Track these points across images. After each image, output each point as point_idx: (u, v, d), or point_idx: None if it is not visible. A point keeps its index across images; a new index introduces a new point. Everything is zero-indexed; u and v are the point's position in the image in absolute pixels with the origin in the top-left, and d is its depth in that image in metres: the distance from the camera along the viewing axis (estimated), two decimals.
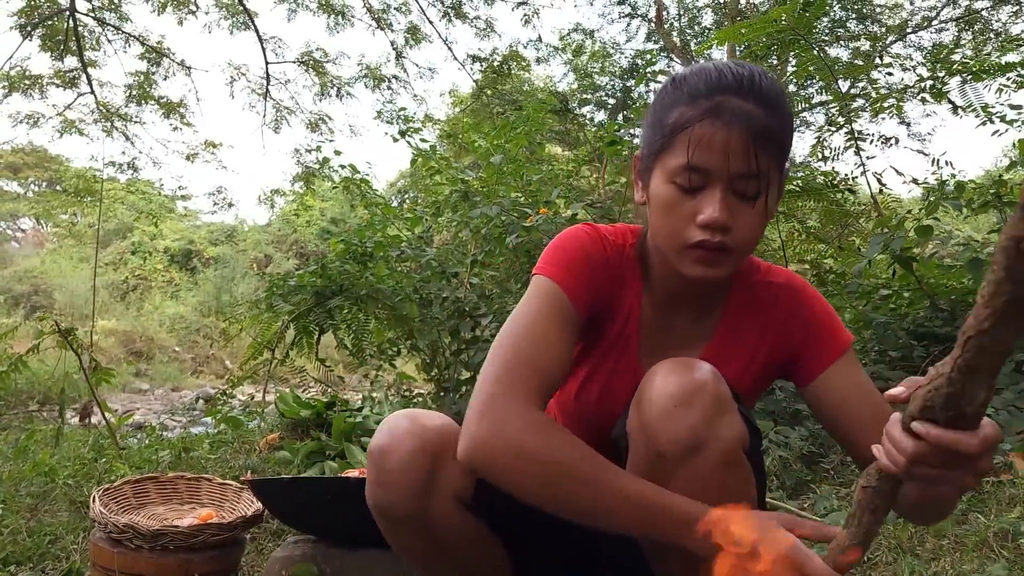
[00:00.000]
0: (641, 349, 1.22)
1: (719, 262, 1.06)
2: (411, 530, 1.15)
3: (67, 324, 2.70)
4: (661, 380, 1.03)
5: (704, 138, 1.02)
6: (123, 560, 1.58)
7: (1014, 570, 1.65)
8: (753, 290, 1.22)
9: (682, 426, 1.00)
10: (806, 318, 1.19)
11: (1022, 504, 2.07)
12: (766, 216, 1.09)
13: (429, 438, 1.12)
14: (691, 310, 1.21)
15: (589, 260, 1.16)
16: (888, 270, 3.62)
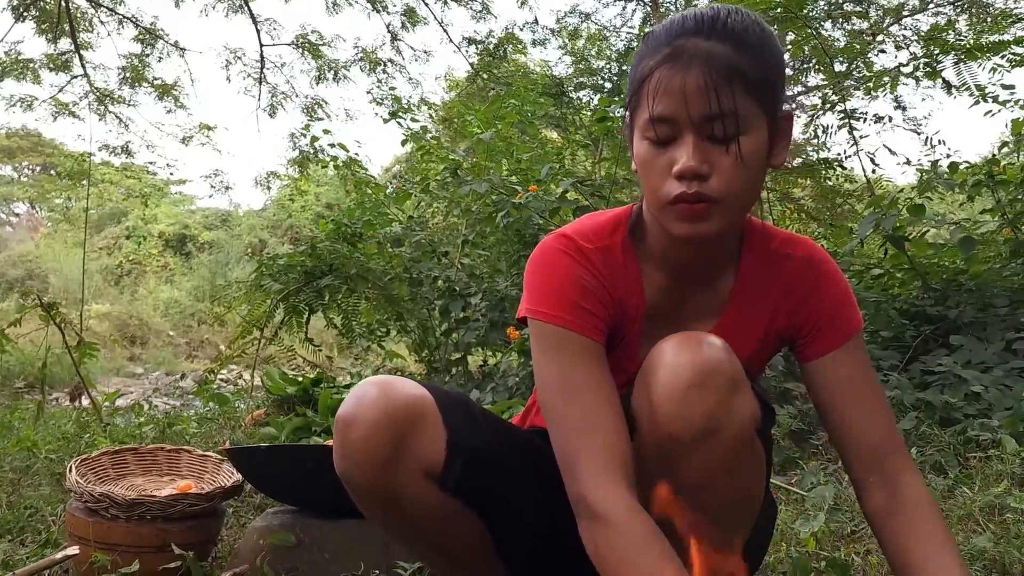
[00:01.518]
0: (644, 336, 1.14)
1: (703, 215, 0.99)
2: (377, 502, 1.12)
3: (58, 305, 2.68)
4: (672, 358, 0.99)
5: (662, 85, 0.97)
6: (98, 530, 1.56)
7: (999, 543, 1.63)
8: (768, 260, 1.15)
9: (697, 410, 0.97)
10: (821, 297, 1.13)
11: (1009, 479, 2.07)
12: (755, 161, 1.00)
13: (397, 410, 1.07)
14: (701, 280, 1.15)
15: (579, 287, 1.09)
16: (880, 250, 3.60)
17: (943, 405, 2.69)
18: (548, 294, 1.09)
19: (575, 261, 1.10)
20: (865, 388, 1.12)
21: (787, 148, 1.08)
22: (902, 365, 3.16)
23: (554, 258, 1.11)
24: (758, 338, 1.16)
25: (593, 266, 1.10)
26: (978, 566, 1.56)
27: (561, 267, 1.10)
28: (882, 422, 1.11)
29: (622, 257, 1.13)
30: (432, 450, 1.09)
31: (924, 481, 1.11)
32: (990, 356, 3.02)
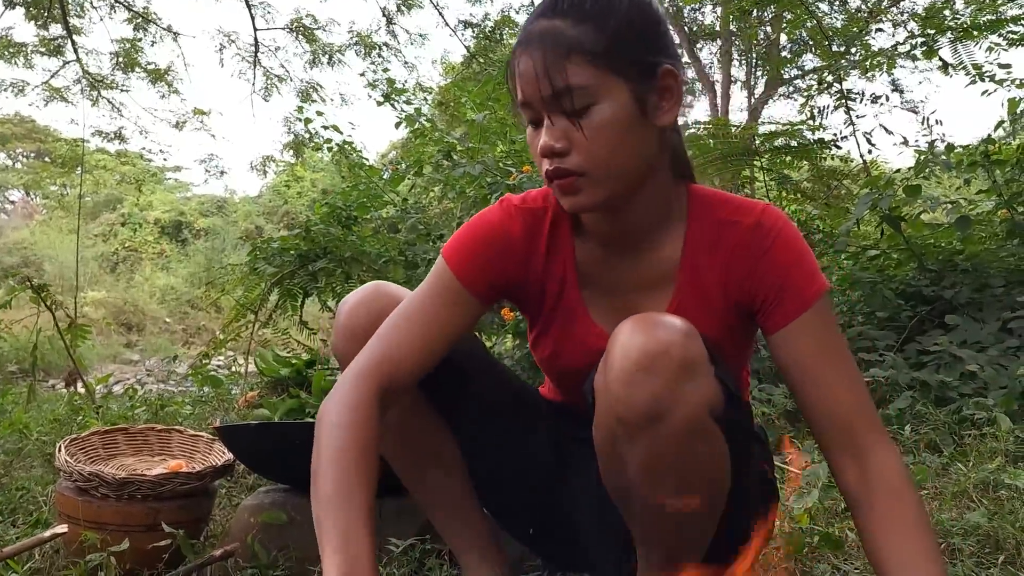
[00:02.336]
0: (592, 307, 1.18)
1: (574, 188, 1.03)
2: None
3: (48, 286, 2.67)
4: (625, 340, 0.98)
5: (515, 71, 1.02)
6: (88, 509, 1.55)
7: (993, 519, 1.63)
8: (715, 229, 1.12)
9: (642, 393, 0.95)
10: (771, 265, 1.08)
11: (1003, 456, 2.06)
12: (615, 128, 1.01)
13: (384, 301, 1.18)
14: (637, 250, 1.14)
15: (491, 241, 1.16)
16: (876, 230, 3.59)
17: (938, 384, 2.68)
18: (457, 239, 1.17)
19: (499, 217, 1.17)
20: (832, 359, 1.07)
21: (677, 104, 1.06)
22: (898, 345, 3.16)
23: (484, 213, 1.19)
24: (717, 312, 1.13)
25: (514, 226, 1.16)
26: (972, 541, 1.55)
27: (482, 222, 1.18)
28: (852, 394, 1.06)
29: (552, 222, 1.17)
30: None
31: (899, 456, 1.06)
32: (986, 336, 3.02)
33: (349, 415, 1.03)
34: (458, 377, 1.24)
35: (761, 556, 1.49)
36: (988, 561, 1.48)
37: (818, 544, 1.53)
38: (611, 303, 1.17)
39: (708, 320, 1.10)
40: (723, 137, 3.43)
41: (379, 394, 1.07)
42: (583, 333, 1.18)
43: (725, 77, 12.05)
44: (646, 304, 1.14)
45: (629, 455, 0.99)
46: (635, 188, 1.07)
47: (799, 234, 1.12)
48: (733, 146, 3.41)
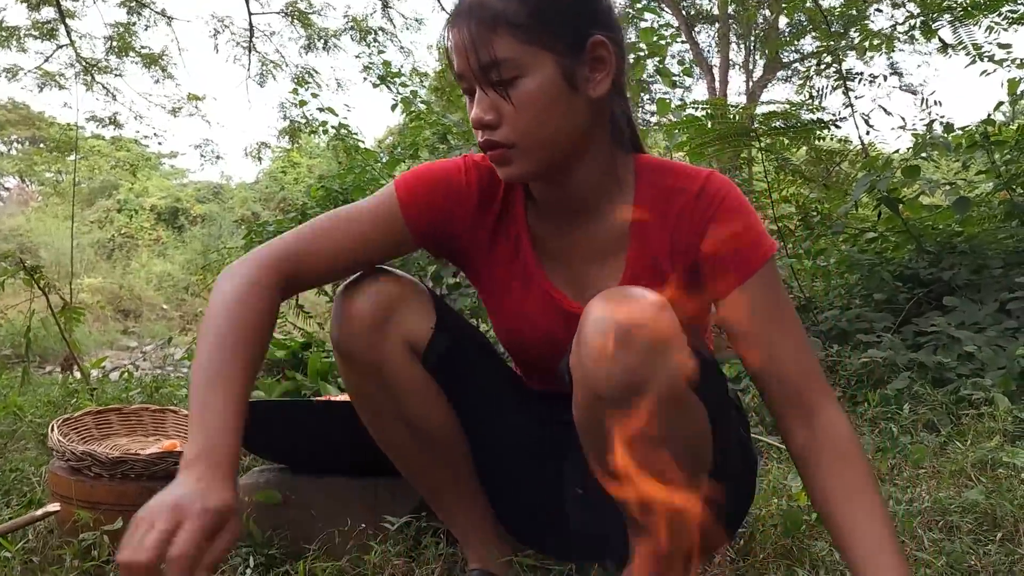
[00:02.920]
0: (548, 270, 1.19)
1: (505, 160, 1.05)
2: (360, 368, 1.20)
3: (41, 268, 2.65)
4: (597, 315, 0.97)
5: (448, 44, 1.04)
6: (81, 488, 1.54)
7: (991, 496, 1.62)
8: (662, 197, 1.13)
9: (618, 368, 0.94)
10: (716, 231, 1.10)
11: (1001, 436, 2.06)
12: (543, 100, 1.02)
13: (390, 287, 1.17)
14: (588, 221, 1.15)
15: (443, 184, 1.17)
16: (874, 212, 3.58)
17: (936, 365, 2.68)
18: (415, 174, 1.19)
19: (456, 167, 1.18)
20: (779, 322, 1.08)
21: (610, 74, 1.06)
22: (895, 327, 3.15)
23: (445, 160, 1.21)
24: (669, 278, 1.13)
25: (471, 176, 1.17)
26: (970, 519, 1.55)
27: (442, 165, 1.19)
28: (799, 357, 1.07)
29: (508, 184, 1.17)
30: (419, 326, 1.19)
31: (847, 418, 1.07)
32: (983, 317, 3.01)
33: (245, 292, 1.05)
34: (464, 359, 1.24)
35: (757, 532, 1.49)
36: (986, 538, 1.47)
37: (816, 521, 1.52)
38: (564, 271, 1.18)
39: (661, 287, 1.09)
40: (721, 118, 3.42)
41: (279, 284, 1.08)
42: (542, 294, 1.18)
43: (723, 61, 11.99)
44: (599, 273, 1.16)
45: (611, 432, 0.98)
46: (570, 158, 1.09)
47: (744, 199, 1.13)
48: (731, 127, 3.39)
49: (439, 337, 1.20)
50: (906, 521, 1.53)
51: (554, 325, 1.18)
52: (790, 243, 3.66)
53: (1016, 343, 2.72)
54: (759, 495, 1.68)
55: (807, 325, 3.36)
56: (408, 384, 1.20)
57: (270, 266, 1.08)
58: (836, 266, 3.73)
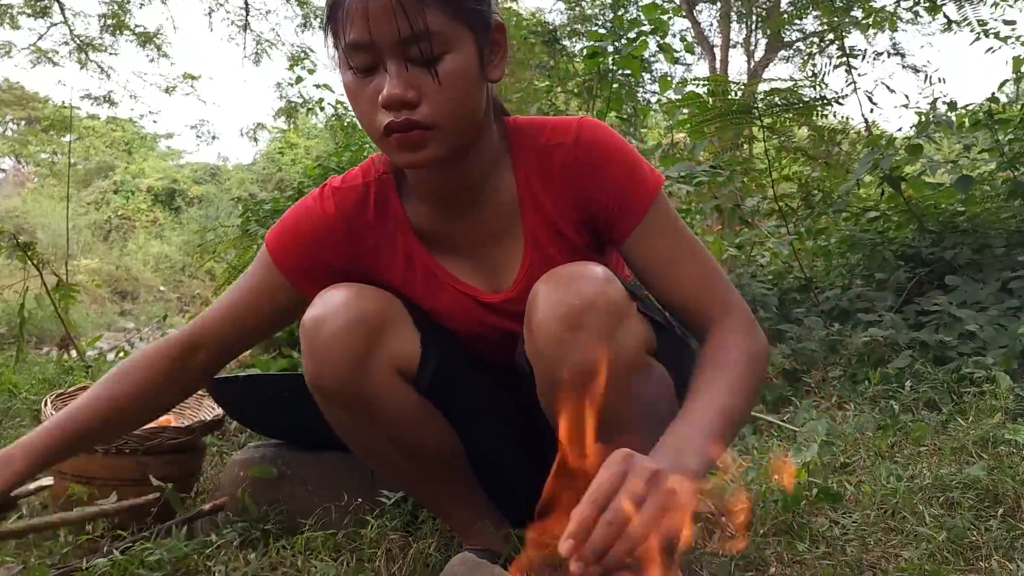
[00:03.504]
0: (451, 266, 1.14)
1: (420, 143, 0.95)
2: (346, 405, 1.10)
3: (35, 245, 2.62)
4: (545, 300, 0.95)
5: (353, 8, 0.92)
6: (75, 462, 1.52)
7: (992, 473, 1.61)
8: (541, 157, 1.08)
9: (576, 352, 0.93)
10: (602, 179, 1.06)
11: (1003, 413, 2.04)
12: (465, 80, 0.96)
13: (368, 308, 1.07)
14: (477, 204, 1.10)
15: (305, 225, 1.14)
16: (877, 190, 3.55)
17: (937, 344, 2.66)
18: (281, 224, 1.17)
19: (316, 202, 1.15)
20: (676, 253, 1.05)
21: (504, 60, 1.03)
22: (896, 306, 3.14)
23: (306, 198, 1.18)
24: (571, 239, 1.10)
25: (329, 207, 1.13)
26: (971, 495, 1.54)
27: (302, 207, 1.16)
28: (700, 280, 1.05)
29: (378, 195, 1.13)
30: (406, 349, 1.11)
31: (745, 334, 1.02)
32: (985, 297, 3.00)
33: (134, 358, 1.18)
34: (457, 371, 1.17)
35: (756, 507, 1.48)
36: (987, 514, 1.46)
37: (816, 497, 1.51)
38: (467, 263, 1.13)
39: (567, 250, 1.08)
40: (722, 95, 3.38)
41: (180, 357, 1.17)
42: (454, 293, 1.14)
43: (724, 40, 11.90)
44: (501, 255, 1.11)
45: (578, 414, 0.94)
46: (472, 142, 1.04)
47: (620, 139, 1.09)
48: (732, 104, 3.35)
49: (428, 355, 1.12)
50: (907, 497, 1.52)
51: (481, 318, 1.14)
52: (792, 222, 3.63)
53: (1018, 322, 2.70)
54: (759, 471, 1.66)
55: (807, 305, 3.34)
56: (402, 413, 1.13)
57: (172, 343, 1.17)
58: (837, 246, 3.71)
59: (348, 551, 1.33)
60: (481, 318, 1.14)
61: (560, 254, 1.08)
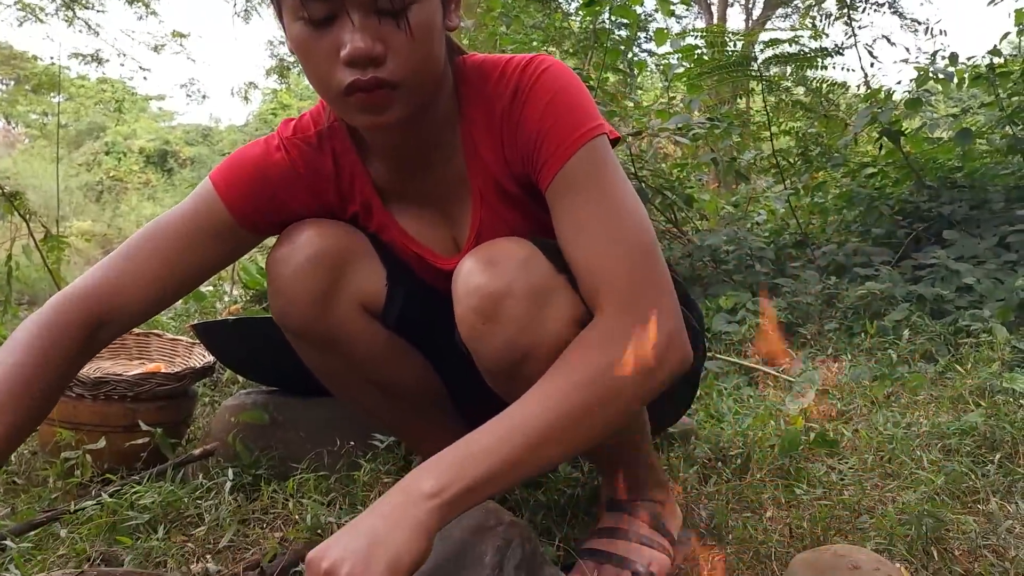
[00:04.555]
0: (410, 229, 1.07)
1: (386, 103, 0.87)
2: (314, 343, 1.08)
3: (22, 195, 2.57)
4: (464, 288, 0.89)
5: None
6: (63, 409, 1.50)
7: (990, 420, 1.60)
8: (485, 108, 0.98)
9: (497, 343, 0.88)
10: (530, 118, 0.93)
11: (1000, 364, 2.03)
12: (431, 31, 0.87)
13: (330, 244, 1.03)
14: (429, 162, 1.02)
15: (264, 170, 1.03)
16: (875, 145, 3.52)
17: (934, 298, 2.65)
18: (230, 164, 1.04)
19: (271, 149, 1.04)
20: (590, 217, 0.89)
21: (459, 7, 0.95)
22: (894, 261, 3.12)
23: (256, 143, 1.06)
24: (519, 198, 1.01)
25: (292, 154, 1.03)
26: (968, 441, 1.53)
27: (254, 151, 1.04)
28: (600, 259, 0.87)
29: (333, 145, 1.04)
30: (371, 285, 1.07)
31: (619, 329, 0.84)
32: (983, 251, 2.98)
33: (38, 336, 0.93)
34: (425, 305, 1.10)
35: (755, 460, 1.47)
36: (984, 459, 1.45)
37: (813, 443, 1.50)
38: (420, 218, 1.07)
39: (514, 208, 1.01)
40: (720, 47, 3.32)
41: (85, 325, 0.96)
42: (413, 257, 1.09)
43: None
44: (456, 213, 1.05)
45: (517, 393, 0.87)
46: (431, 99, 0.95)
47: (568, 75, 0.95)
48: (731, 57, 3.29)
49: (395, 291, 1.08)
50: (904, 444, 1.51)
51: (435, 277, 1.08)
52: (789, 178, 3.60)
53: (1016, 275, 2.69)
54: (755, 418, 1.65)
55: (803, 261, 3.32)
56: (372, 350, 1.09)
57: (72, 307, 0.95)
58: (834, 202, 3.68)
59: (341, 495, 1.32)
60: (435, 277, 1.08)
61: (509, 212, 1.01)
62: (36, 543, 1.17)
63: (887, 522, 1.16)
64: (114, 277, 0.98)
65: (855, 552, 0.93)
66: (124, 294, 0.98)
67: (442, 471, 0.76)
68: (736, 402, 1.89)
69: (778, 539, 1.14)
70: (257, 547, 1.19)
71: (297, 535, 1.16)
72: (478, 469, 0.76)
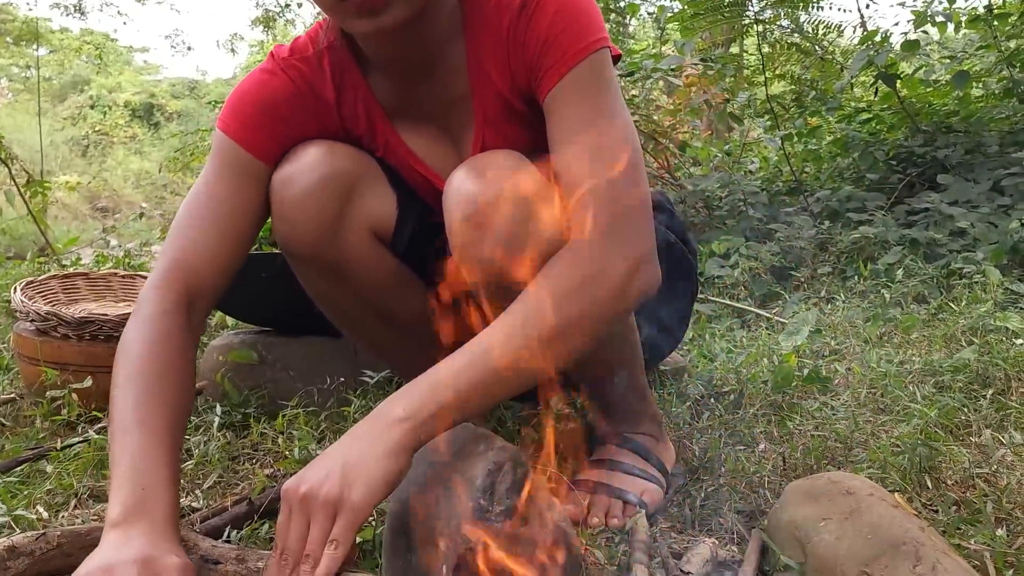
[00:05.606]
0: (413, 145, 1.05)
1: (381, 5, 0.84)
2: (320, 271, 1.04)
3: (24, 169, 2.52)
4: (454, 196, 0.88)
5: None
6: (48, 349, 1.48)
7: (983, 357, 1.60)
8: (491, 20, 0.96)
9: (486, 253, 0.86)
10: (536, 28, 0.91)
11: (993, 304, 2.03)
12: None
13: (340, 165, 0.99)
14: (432, 73, 0.99)
15: (271, 99, 0.99)
16: (870, 90, 3.47)
17: (928, 241, 2.63)
18: (231, 107, 1.00)
19: (268, 75, 1.01)
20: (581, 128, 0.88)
21: None
22: (887, 206, 3.10)
23: (251, 75, 1.02)
24: (522, 115, 0.99)
25: (291, 74, 1.00)
26: (961, 378, 1.52)
27: (253, 80, 1.01)
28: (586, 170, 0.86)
29: (333, 63, 1.01)
30: (382, 210, 1.04)
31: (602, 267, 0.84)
32: (977, 195, 2.96)
33: (147, 331, 0.89)
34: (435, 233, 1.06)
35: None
36: (977, 395, 1.45)
37: (806, 379, 1.49)
38: (424, 138, 1.04)
39: (520, 126, 0.99)
40: None
41: (181, 303, 0.93)
42: (418, 177, 1.06)
43: None
44: (459, 131, 1.03)
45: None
46: (433, 4, 0.93)
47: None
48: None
49: (406, 217, 1.05)
50: (897, 380, 1.51)
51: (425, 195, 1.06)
52: (784, 122, 3.55)
53: (1009, 219, 2.67)
54: (748, 356, 1.64)
55: (796, 207, 3.30)
56: (378, 278, 1.06)
57: (163, 290, 0.93)
58: (828, 148, 3.64)
59: (331, 431, 1.31)
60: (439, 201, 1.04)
61: (513, 131, 0.99)
62: (23, 479, 1.16)
63: (881, 453, 1.15)
64: (187, 255, 0.95)
65: (849, 479, 0.93)
66: (201, 269, 0.95)
67: (413, 396, 0.77)
68: (729, 343, 1.88)
69: (771, 470, 1.14)
70: (246, 482, 1.18)
71: (287, 469, 1.15)
72: (447, 392, 0.76)
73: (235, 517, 1.01)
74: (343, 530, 0.71)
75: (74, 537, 0.80)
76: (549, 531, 0.76)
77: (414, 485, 0.78)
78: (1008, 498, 1.03)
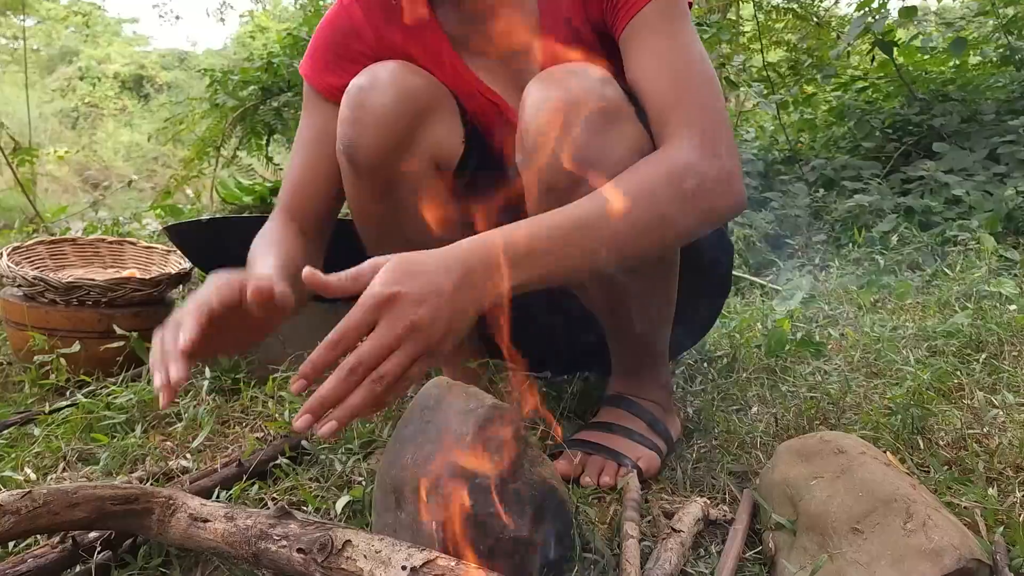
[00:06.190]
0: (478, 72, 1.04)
1: None
2: (374, 186, 1.01)
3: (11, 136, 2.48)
4: (535, 100, 0.87)
5: None
6: (35, 314, 1.47)
7: (976, 322, 1.59)
8: None
9: (561, 156, 0.85)
10: None
11: (987, 271, 2.02)
12: None
13: (419, 86, 0.98)
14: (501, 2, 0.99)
15: (339, 40, 1.05)
16: (867, 58, 3.44)
17: (923, 209, 2.63)
18: (309, 51, 1.07)
19: (339, 10, 1.05)
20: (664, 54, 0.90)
21: None
22: (883, 175, 3.08)
23: (330, 11, 1.07)
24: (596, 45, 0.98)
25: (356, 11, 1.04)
26: (954, 342, 1.52)
27: (326, 20, 1.07)
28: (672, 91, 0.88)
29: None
30: (450, 140, 1.03)
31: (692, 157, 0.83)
32: (972, 164, 2.95)
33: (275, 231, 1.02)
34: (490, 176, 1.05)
35: None
36: (971, 359, 1.45)
37: (799, 343, 1.49)
38: (490, 65, 1.04)
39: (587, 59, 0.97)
40: None
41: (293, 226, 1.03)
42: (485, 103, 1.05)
43: None
44: (523, 57, 1.01)
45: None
46: None
47: None
48: None
49: (471, 153, 1.03)
50: (890, 344, 1.50)
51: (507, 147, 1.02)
52: (780, 90, 3.52)
53: (1005, 187, 2.66)
54: (741, 321, 1.64)
55: (792, 176, 3.28)
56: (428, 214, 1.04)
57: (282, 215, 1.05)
58: (824, 117, 3.62)
59: None
60: (506, 133, 1.03)
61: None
62: (10, 442, 1.15)
63: (873, 415, 1.15)
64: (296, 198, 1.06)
65: (841, 438, 0.92)
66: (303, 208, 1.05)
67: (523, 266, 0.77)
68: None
69: (763, 431, 1.14)
70: (236, 445, 1.17)
71: (277, 430, 1.14)
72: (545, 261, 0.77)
73: (224, 478, 1.00)
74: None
75: (60, 495, 0.79)
76: (539, 487, 0.75)
77: (404, 442, 0.77)
78: (1000, 458, 1.03)
